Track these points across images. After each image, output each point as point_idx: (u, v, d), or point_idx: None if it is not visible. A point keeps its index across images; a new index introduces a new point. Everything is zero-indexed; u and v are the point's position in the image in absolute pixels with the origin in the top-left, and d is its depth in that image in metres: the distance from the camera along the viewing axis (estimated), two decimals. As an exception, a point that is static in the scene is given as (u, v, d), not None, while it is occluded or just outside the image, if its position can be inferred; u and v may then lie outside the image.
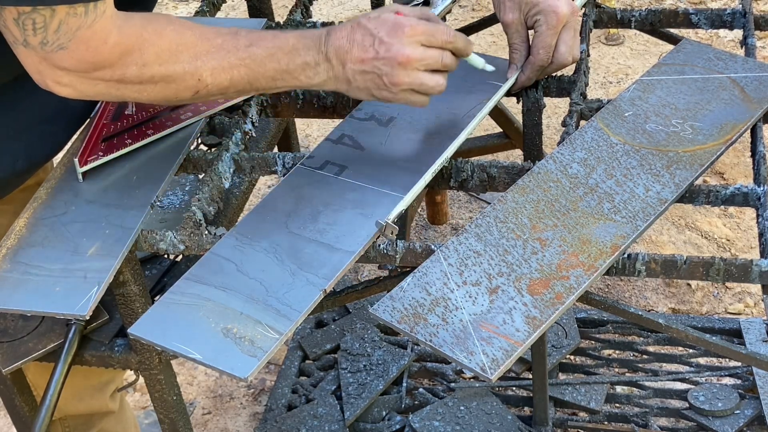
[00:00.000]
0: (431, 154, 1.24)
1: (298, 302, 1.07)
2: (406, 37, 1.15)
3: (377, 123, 1.32)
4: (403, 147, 1.27)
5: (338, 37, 1.17)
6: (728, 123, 1.26)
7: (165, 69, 1.13)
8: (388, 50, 1.15)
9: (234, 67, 1.16)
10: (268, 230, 1.17)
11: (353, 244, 1.13)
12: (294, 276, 1.10)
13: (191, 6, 3.71)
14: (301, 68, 1.17)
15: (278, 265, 1.12)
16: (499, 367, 0.98)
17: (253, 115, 1.38)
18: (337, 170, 1.24)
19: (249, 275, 1.11)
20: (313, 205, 1.20)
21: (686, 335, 1.16)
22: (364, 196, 1.19)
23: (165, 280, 1.35)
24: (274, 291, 1.09)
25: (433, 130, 1.29)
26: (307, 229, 1.16)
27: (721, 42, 3.15)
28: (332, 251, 1.12)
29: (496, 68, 1.30)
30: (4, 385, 1.35)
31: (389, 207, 1.16)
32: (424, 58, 1.16)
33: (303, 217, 1.18)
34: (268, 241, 1.15)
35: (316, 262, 1.11)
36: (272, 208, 1.21)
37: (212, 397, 2.25)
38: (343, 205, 1.19)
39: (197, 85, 1.15)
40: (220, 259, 1.14)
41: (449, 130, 1.28)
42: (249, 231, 1.17)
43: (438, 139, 1.27)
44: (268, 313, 1.06)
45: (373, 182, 1.21)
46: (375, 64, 1.15)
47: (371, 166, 1.24)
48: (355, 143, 1.29)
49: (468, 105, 1.31)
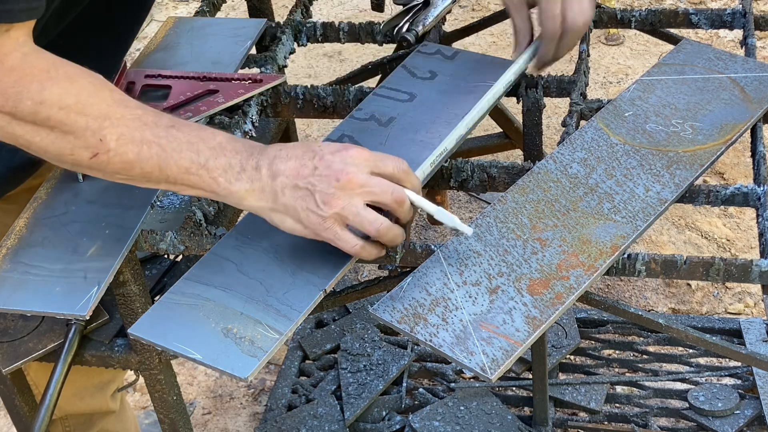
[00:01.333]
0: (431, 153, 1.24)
1: (298, 302, 1.07)
2: (350, 158, 1.02)
3: (377, 123, 1.32)
4: (403, 147, 1.27)
5: (276, 149, 1.05)
6: (728, 123, 1.26)
7: (65, 115, 1.01)
8: (329, 167, 1.02)
9: (145, 143, 1.03)
10: (268, 230, 1.17)
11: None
12: (294, 276, 1.10)
13: (191, 6, 3.71)
14: (222, 169, 1.04)
15: (278, 265, 1.12)
16: (499, 367, 0.98)
17: (253, 115, 1.38)
18: None
19: (249, 275, 1.11)
20: None
21: (686, 335, 1.16)
22: None
23: (165, 280, 1.35)
24: (275, 291, 1.09)
25: (433, 130, 1.29)
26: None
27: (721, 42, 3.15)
28: (332, 251, 1.12)
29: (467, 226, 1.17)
30: (4, 385, 1.35)
31: None
32: (367, 183, 1.02)
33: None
34: (268, 241, 1.15)
35: (316, 262, 1.11)
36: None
37: (212, 397, 2.25)
38: None
39: (98, 147, 1.02)
40: (220, 259, 1.14)
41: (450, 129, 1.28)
42: (249, 231, 1.17)
43: (438, 139, 1.27)
44: (268, 313, 1.06)
45: None
46: (310, 180, 1.02)
47: None
48: (354, 143, 1.29)
49: (468, 105, 1.31)
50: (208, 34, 1.54)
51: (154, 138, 1.03)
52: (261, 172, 1.03)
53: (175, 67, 1.47)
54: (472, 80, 1.35)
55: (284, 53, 1.53)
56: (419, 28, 1.49)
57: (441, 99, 1.33)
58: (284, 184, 1.02)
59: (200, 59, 1.48)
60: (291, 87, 1.44)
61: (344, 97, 1.41)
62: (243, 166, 1.04)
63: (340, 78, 1.71)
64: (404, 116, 1.32)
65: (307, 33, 1.59)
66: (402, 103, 1.34)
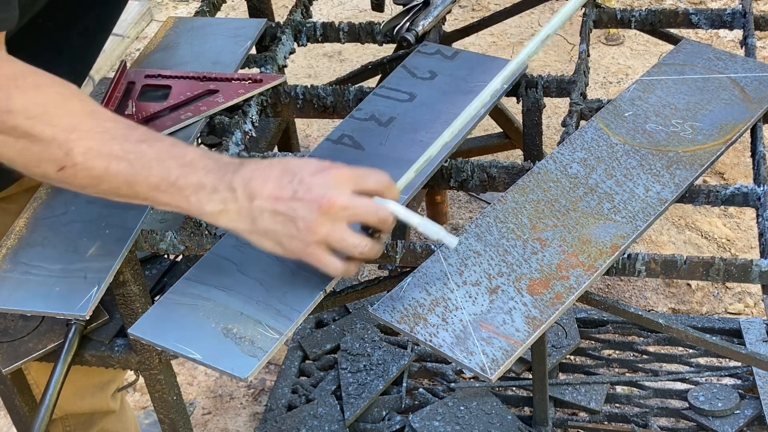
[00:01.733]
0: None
1: (298, 302, 1.07)
2: (331, 179, 0.98)
3: (377, 123, 1.32)
4: (403, 147, 1.27)
5: (251, 169, 1.00)
6: (728, 123, 1.26)
7: (32, 125, 0.99)
8: (309, 191, 0.97)
9: (113, 157, 1.00)
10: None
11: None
12: (294, 276, 1.10)
13: (191, 6, 3.71)
14: (192, 187, 1.00)
15: (278, 265, 1.12)
16: (499, 367, 0.98)
17: (253, 115, 1.38)
18: None
19: (249, 275, 1.11)
20: None
21: (686, 335, 1.16)
22: None
23: (165, 280, 1.35)
24: (275, 291, 1.09)
25: (433, 130, 1.29)
26: None
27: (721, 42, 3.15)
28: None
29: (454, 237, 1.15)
30: (4, 385, 1.35)
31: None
32: (352, 205, 0.98)
33: None
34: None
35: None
36: None
37: (212, 397, 2.25)
38: None
39: (64, 160, 1.00)
40: (220, 259, 1.14)
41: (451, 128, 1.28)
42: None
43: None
44: (268, 313, 1.06)
45: None
46: (291, 205, 0.97)
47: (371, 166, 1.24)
48: (355, 143, 1.29)
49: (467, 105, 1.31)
50: (208, 34, 1.54)
51: (123, 153, 1.00)
52: (236, 193, 0.99)
53: (175, 67, 1.47)
54: (472, 80, 1.35)
55: (284, 53, 1.53)
56: (419, 28, 1.49)
57: (441, 99, 1.33)
58: (262, 208, 0.98)
59: (200, 59, 1.48)
60: (291, 87, 1.44)
61: (344, 97, 1.41)
62: (215, 186, 1.00)
63: (340, 78, 1.71)
64: (404, 116, 1.32)
65: (307, 33, 1.59)
66: (402, 103, 1.34)
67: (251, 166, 1.01)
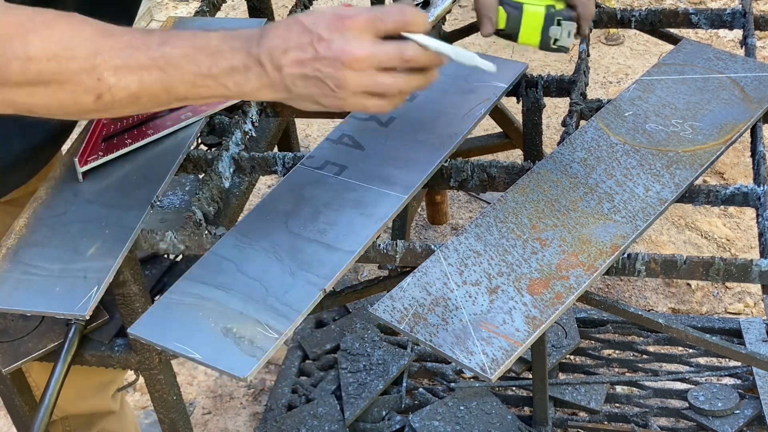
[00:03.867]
0: (432, 153, 1.24)
1: (297, 302, 1.07)
2: (348, 30, 0.97)
3: (377, 123, 1.32)
4: (403, 147, 1.27)
5: (272, 37, 0.99)
6: (728, 123, 1.26)
7: (56, 65, 0.97)
8: (329, 48, 0.97)
9: (144, 68, 0.99)
10: (268, 230, 1.17)
11: (353, 244, 1.13)
12: (294, 276, 1.10)
13: (191, 6, 3.71)
14: (226, 73, 1.00)
15: (278, 264, 1.12)
16: (499, 367, 0.98)
17: (253, 115, 1.38)
18: (337, 170, 1.24)
19: (248, 275, 1.11)
20: (312, 205, 1.19)
21: (686, 335, 1.16)
22: (364, 196, 1.19)
23: (165, 280, 1.35)
24: (274, 291, 1.09)
25: (433, 129, 1.29)
26: (307, 229, 1.16)
27: (721, 42, 3.15)
28: (332, 251, 1.12)
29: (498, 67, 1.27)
30: (4, 385, 1.35)
31: (389, 207, 1.16)
32: (374, 54, 0.98)
33: (303, 217, 1.18)
34: (267, 241, 1.15)
35: (315, 261, 1.11)
36: (272, 208, 1.21)
37: (212, 397, 2.25)
38: (342, 205, 1.19)
39: (98, 87, 0.98)
40: (220, 259, 1.14)
41: (450, 129, 1.28)
42: (249, 231, 1.17)
43: (439, 140, 1.26)
44: (267, 312, 1.06)
45: (373, 182, 1.21)
46: (316, 66, 0.98)
47: (371, 166, 1.24)
48: (355, 143, 1.29)
49: (469, 105, 1.31)
50: (208, 34, 1.54)
51: (151, 61, 0.99)
52: (266, 68, 0.99)
53: (175, 67, 1.47)
54: (473, 80, 1.35)
55: (284, 53, 1.53)
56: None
57: (441, 99, 1.33)
58: (293, 76, 0.99)
59: (200, 59, 1.48)
60: (291, 87, 1.44)
61: (344, 97, 1.41)
62: (246, 64, 0.99)
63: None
64: (405, 116, 1.32)
65: (307, 33, 1.59)
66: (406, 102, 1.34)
67: (271, 32, 1.00)
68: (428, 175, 1.21)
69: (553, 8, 1.19)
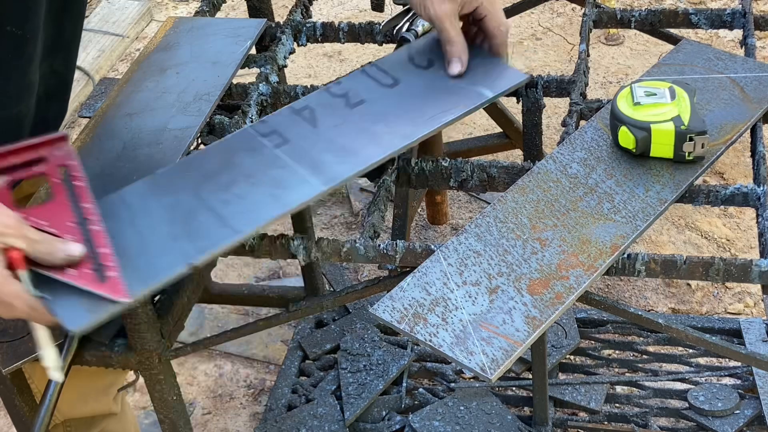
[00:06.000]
0: (376, 149, 1.19)
1: (163, 269, 1.05)
2: None
3: (345, 102, 1.26)
4: (354, 134, 1.22)
5: None
6: (728, 123, 1.26)
7: None
8: None
9: None
10: (179, 187, 1.15)
11: (244, 224, 1.10)
12: (175, 241, 1.08)
13: (191, 6, 3.71)
14: None
15: (167, 226, 1.10)
16: (499, 367, 0.98)
17: (253, 115, 1.38)
18: (279, 142, 1.20)
19: (137, 228, 1.10)
20: (234, 172, 1.17)
21: (686, 335, 1.16)
22: (286, 177, 1.16)
23: (165, 280, 1.35)
24: (149, 251, 1.07)
25: (393, 124, 1.23)
26: (215, 196, 1.14)
27: (721, 42, 3.15)
28: (222, 226, 1.10)
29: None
30: (4, 385, 1.35)
31: (302, 195, 1.13)
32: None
33: (218, 182, 1.15)
34: (172, 198, 1.14)
35: (203, 232, 1.09)
36: (197, 166, 1.19)
37: (212, 397, 2.25)
38: (261, 180, 1.15)
39: None
40: (121, 204, 1.13)
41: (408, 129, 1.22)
42: (163, 183, 1.16)
43: (391, 137, 1.21)
44: (131, 272, 1.04)
45: (304, 164, 1.17)
46: None
47: (312, 147, 1.20)
48: (311, 118, 1.24)
49: (442, 106, 1.25)
50: (208, 34, 1.54)
51: None
52: None
53: (175, 66, 1.47)
54: (465, 82, 1.29)
55: (284, 53, 1.53)
56: (419, 28, 1.49)
57: (421, 94, 1.27)
58: None
59: (200, 59, 1.48)
60: (291, 87, 1.44)
61: (344, 97, 1.41)
62: None
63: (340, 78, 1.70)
64: (375, 102, 1.27)
65: (306, 33, 1.59)
66: (382, 87, 1.29)
67: None
68: (358, 171, 1.17)
69: (680, 120, 1.17)
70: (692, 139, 1.17)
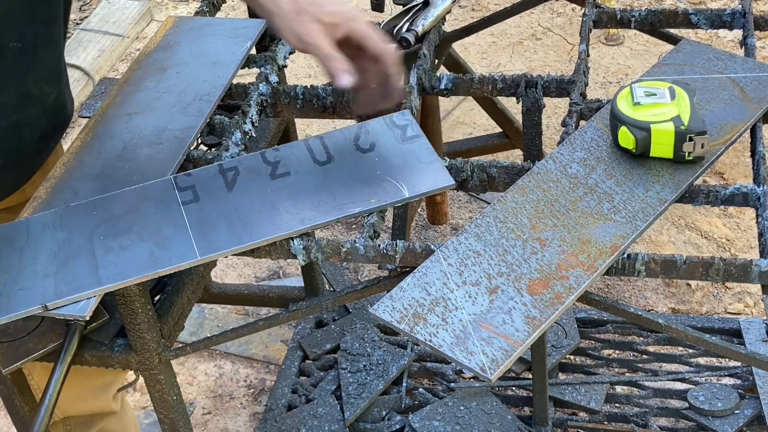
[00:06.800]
0: (269, 228, 1.16)
1: (20, 304, 1.09)
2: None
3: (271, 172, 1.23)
4: (259, 208, 1.19)
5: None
6: (728, 123, 1.26)
7: None
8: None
9: None
10: (79, 224, 1.16)
11: (111, 278, 1.11)
12: (44, 279, 1.11)
13: (191, 6, 3.71)
14: None
15: (47, 261, 1.13)
16: (499, 367, 0.98)
17: (253, 115, 1.38)
18: (189, 200, 1.19)
19: (22, 257, 1.13)
20: (132, 221, 1.17)
21: (686, 335, 1.16)
22: (172, 238, 1.15)
23: (165, 279, 1.35)
24: (18, 282, 1.10)
25: (300, 206, 1.18)
26: (102, 242, 1.15)
27: (721, 42, 3.15)
28: (90, 274, 1.12)
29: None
30: (4, 385, 1.35)
31: (177, 261, 1.12)
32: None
33: (115, 228, 1.17)
34: (67, 235, 1.15)
35: (69, 276, 1.11)
36: (108, 205, 1.20)
37: (212, 397, 2.25)
38: (150, 235, 1.15)
39: None
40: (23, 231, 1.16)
41: (310, 214, 1.17)
42: (69, 217, 1.18)
43: (290, 219, 1.17)
44: None
45: (196, 228, 1.16)
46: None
47: (215, 212, 1.18)
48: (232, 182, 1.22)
49: (354, 197, 1.19)
50: (208, 34, 1.54)
51: None
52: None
53: (176, 66, 1.47)
54: (392, 176, 1.21)
55: (284, 53, 1.53)
56: (419, 28, 1.49)
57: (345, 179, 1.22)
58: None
59: (200, 59, 1.48)
60: (291, 87, 1.44)
61: (344, 97, 1.41)
62: None
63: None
64: (298, 178, 1.22)
65: (307, 33, 1.59)
66: (313, 163, 1.24)
67: None
68: (235, 250, 1.14)
69: (680, 121, 1.16)
70: (692, 139, 1.17)
